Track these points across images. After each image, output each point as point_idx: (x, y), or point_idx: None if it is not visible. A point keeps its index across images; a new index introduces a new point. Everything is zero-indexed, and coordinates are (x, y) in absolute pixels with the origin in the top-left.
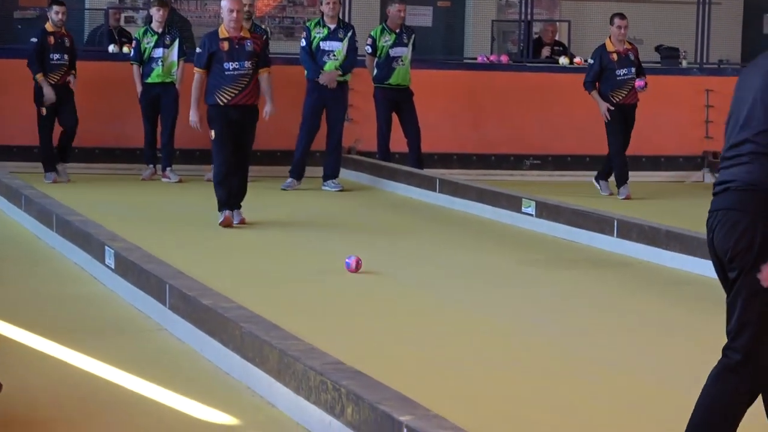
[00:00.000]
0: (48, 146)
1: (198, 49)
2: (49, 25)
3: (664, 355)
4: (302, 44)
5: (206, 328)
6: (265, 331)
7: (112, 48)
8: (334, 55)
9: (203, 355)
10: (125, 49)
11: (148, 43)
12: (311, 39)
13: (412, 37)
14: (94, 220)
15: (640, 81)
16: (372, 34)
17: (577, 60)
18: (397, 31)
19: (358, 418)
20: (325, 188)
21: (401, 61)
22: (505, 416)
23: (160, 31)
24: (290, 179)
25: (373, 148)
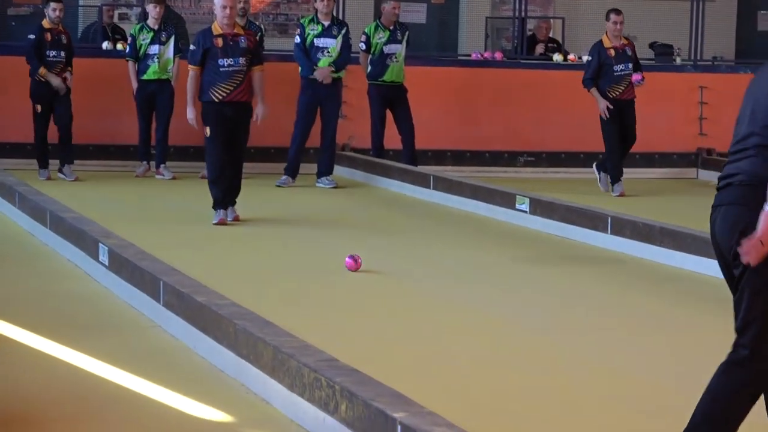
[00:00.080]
0: (42, 143)
1: (192, 46)
2: (46, 22)
3: (658, 350)
4: (296, 41)
5: (200, 325)
6: (259, 328)
7: (105, 45)
8: (328, 52)
9: (197, 352)
10: (119, 46)
11: (144, 40)
12: (305, 36)
13: (406, 34)
14: (88, 217)
15: (637, 75)
16: (366, 31)
17: (571, 57)
18: (391, 28)
19: (352, 414)
20: (319, 185)
21: (395, 58)
22: (500, 413)
23: (156, 27)
24: (285, 176)
25: (367, 145)
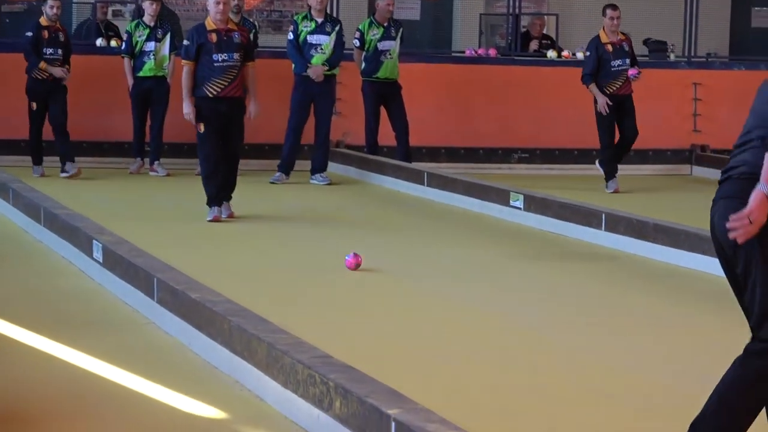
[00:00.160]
0: (37, 140)
1: (185, 42)
2: (43, 19)
3: (651, 347)
4: (289, 38)
5: (194, 322)
6: (253, 325)
7: (99, 42)
8: (322, 49)
9: (191, 348)
10: (113, 43)
11: (140, 37)
12: (298, 33)
13: (400, 30)
14: (82, 214)
15: (633, 70)
16: (360, 27)
17: (565, 53)
18: (385, 25)
19: (347, 411)
20: (313, 182)
21: (389, 54)
22: (494, 410)
23: (152, 24)
24: (279, 173)
25: (361, 142)
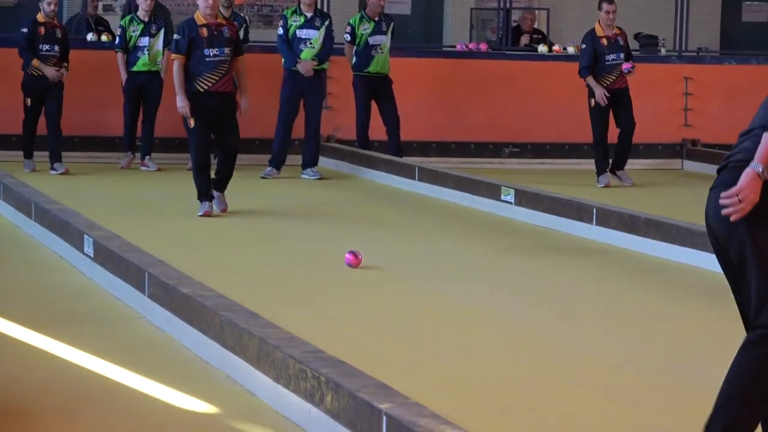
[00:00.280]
0: (30, 135)
1: (176, 36)
2: (40, 16)
3: (642, 340)
4: (279, 32)
5: (185, 317)
6: (244, 320)
7: (90, 36)
8: (311, 44)
9: (183, 343)
10: (103, 38)
11: (134, 32)
12: (288, 27)
13: (391, 25)
14: (73, 209)
15: (627, 64)
16: (351, 22)
17: (556, 48)
18: (376, 19)
19: (338, 405)
20: (305, 176)
21: (380, 49)
22: (486, 404)
23: (147, 20)
24: (270, 168)
25: (352, 137)
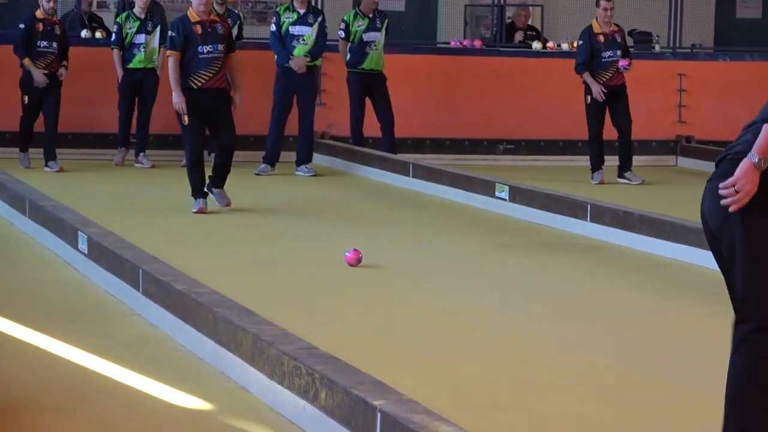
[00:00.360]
0: (27, 131)
1: (170, 33)
2: (39, 12)
3: (637, 337)
4: (272, 29)
5: (180, 313)
6: (238, 316)
7: (84, 33)
8: (304, 40)
9: (177, 340)
10: (97, 35)
11: (130, 29)
12: (281, 24)
13: (386, 21)
14: (68, 206)
15: (624, 61)
16: (345, 18)
17: (550, 45)
18: (371, 16)
19: (332, 402)
20: (299, 173)
21: (374, 45)
22: (481, 401)
23: (143, 17)
24: (264, 165)
25: (346, 133)
